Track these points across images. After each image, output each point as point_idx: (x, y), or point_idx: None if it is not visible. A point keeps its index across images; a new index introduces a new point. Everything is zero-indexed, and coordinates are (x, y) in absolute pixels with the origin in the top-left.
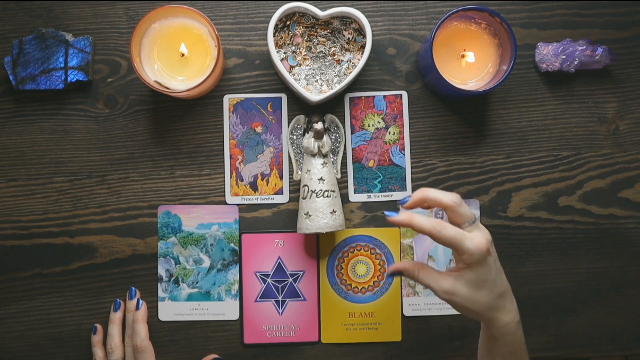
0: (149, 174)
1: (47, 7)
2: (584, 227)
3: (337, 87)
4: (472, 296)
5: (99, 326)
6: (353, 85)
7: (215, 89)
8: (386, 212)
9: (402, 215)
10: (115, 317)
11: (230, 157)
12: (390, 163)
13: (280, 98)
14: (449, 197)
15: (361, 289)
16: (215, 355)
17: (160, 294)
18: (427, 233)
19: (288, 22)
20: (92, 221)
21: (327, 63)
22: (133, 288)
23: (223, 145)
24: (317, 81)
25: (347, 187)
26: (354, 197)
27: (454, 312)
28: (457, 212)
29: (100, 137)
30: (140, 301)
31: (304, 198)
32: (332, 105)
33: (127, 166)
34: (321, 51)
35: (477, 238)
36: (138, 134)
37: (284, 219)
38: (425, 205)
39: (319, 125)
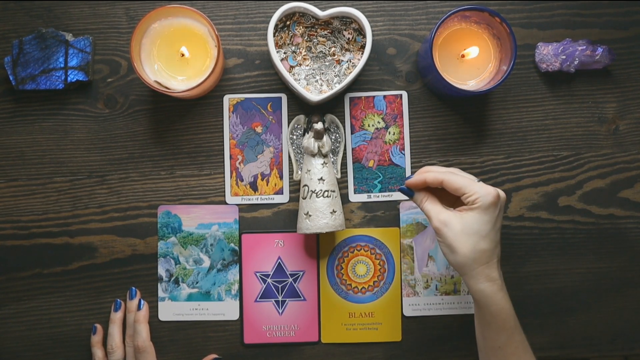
0: (149, 174)
1: (47, 7)
2: (584, 227)
3: (337, 87)
4: (460, 235)
5: (98, 326)
6: (353, 85)
7: (215, 89)
8: (401, 187)
9: (417, 176)
10: (116, 317)
11: (230, 157)
12: (390, 163)
13: (280, 98)
14: (442, 174)
15: (361, 289)
16: (215, 355)
17: (160, 294)
18: (442, 178)
19: (288, 22)
20: (92, 221)
21: (327, 63)
22: (133, 288)
23: (223, 145)
24: (317, 81)
25: (347, 187)
26: (354, 197)
27: (454, 312)
28: (458, 177)
29: (100, 137)
30: (142, 301)
31: (304, 198)
32: (332, 105)
33: (127, 166)
34: (321, 51)
35: (489, 187)
36: (138, 134)
37: (284, 219)
38: (426, 185)
39: (319, 125)
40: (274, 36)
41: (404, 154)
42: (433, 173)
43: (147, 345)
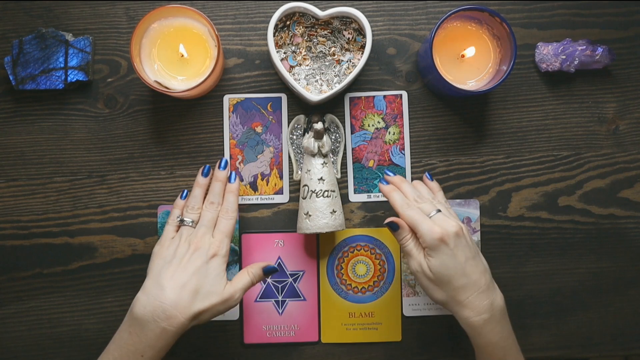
0: (149, 174)
1: (47, 7)
2: (584, 227)
3: (337, 87)
4: (431, 282)
5: (188, 192)
6: (353, 85)
7: (215, 89)
8: (381, 180)
9: (389, 186)
10: (203, 181)
11: (230, 157)
12: (390, 163)
13: (280, 98)
14: (398, 204)
15: (361, 289)
16: (266, 264)
17: None
18: (394, 208)
19: (288, 22)
20: (92, 221)
21: (327, 63)
22: (224, 159)
23: (223, 145)
24: (317, 81)
25: (347, 187)
26: (354, 197)
27: None
28: (411, 213)
29: (100, 137)
30: (235, 175)
31: (304, 198)
32: (332, 105)
33: (127, 166)
34: (321, 51)
35: (435, 225)
36: (138, 134)
37: (284, 219)
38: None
39: (319, 125)
40: (274, 36)
41: (404, 154)
42: (392, 199)
43: (236, 212)
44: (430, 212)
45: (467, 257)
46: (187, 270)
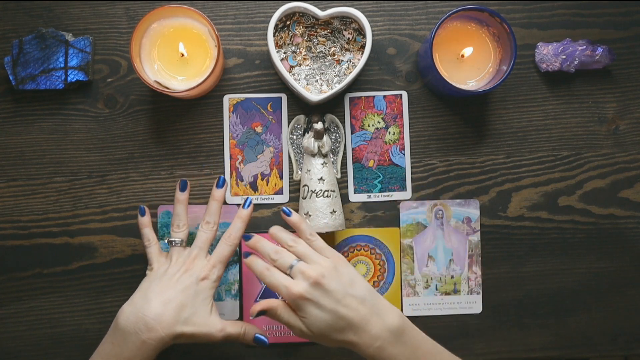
0: (149, 174)
1: (47, 7)
2: (584, 227)
3: (337, 87)
4: (313, 333)
5: (146, 207)
6: (353, 85)
7: (215, 89)
8: (244, 255)
9: (250, 257)
10: (182, 197)
11: (230, 157)
12: (390, 163)
13: (280, 98)
14: (257, 268)
15: None
16: (262, 335)
17: None
18: (256, 275)
19: (288, 22)
20: (92, 221)
21: (327, 63)
22: (222, 177)
23: (223, 145)
24: (317, 81)
25: (347, 187)
26: (354, 197)
27: (454, 312)
28: (272, 279)
29: (100, 137)
30: (250, 201)
31: (304, 198)
32: (332, 105)
33: (127, 166)
34: (321, 51)
35: (292, 284)
36: (138, 134)
37: None
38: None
39: (319, 125)
40: (274, 36)
41: (404, 154)
42: (252, 266)
43: (239, 240)
44: (287, 265)
45: (336, 300)
46: (175, 287)
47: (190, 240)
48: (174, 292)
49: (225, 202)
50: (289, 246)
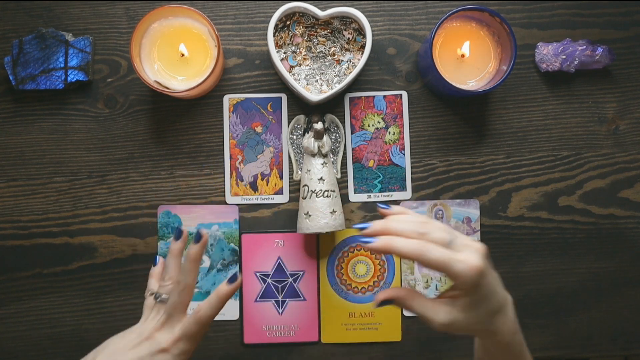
0: (149, 174)
1: (47, 7)
2: (584, 227)
3: (337, 87)
4: (471, 320)
5: (161, 258)
6: (353, 85)
7: (215, 89)
8: (361, 239)
9: (380, 241)
10: (176, 247)
11: (230, 157)
12: (390, 163)
13: (280, 98)
14: (413, 251)
15: (361, 289)
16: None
17: None
18: (410, 258)
19: (288, 22)
20: (92, 221)
21: (327, 63)
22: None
23: (223, 145)
24: (317, 81)
25: (347, 187)
26: (354, 197)
27: None
28: (435, 253)
29: (100, 137)
30: (236, 276)
31: (304, 198)
32: (332, 105)
33: (127, 166)
34: (321, 51)
35: (468, 258)
36: (138, 134)
37: (284, 219)
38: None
39: (319, 125)
40: (274, 36)
41: (404, 154)
42: (401, 248)
43: (209, 320)
44: (447, 239)
45: (495, 276)
46: (128, 354)
47: (189, 241)
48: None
49: (225, 202)
50: (423, 222)
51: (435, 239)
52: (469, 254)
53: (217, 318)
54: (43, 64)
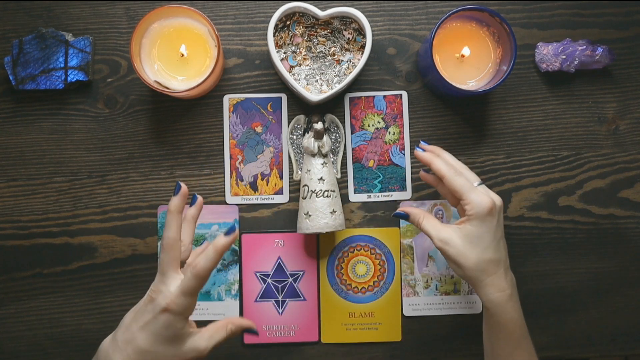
0: (149, 174)
1: (47, 7)
2: (584, 227)
3: (337, 87)
4: (463, 250)
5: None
6: (353, 85)
7: (215, 89)
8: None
9: (427, 154)
10: (173, 204)
11: (230, 157)
12: (390, 163)
13: (280, 98)
14: (445, 170)
15: (361, 289)
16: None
17: None
18: (442, 175)
19: (288, 22)
20: (92, 221)
21: (327, 63)
22: (179, 183)
23: (223, 145)
24: (317, 81)
25: (347, 187)
26: (354, 197)
27: (454, 312)
28: (459, 180)
29: (100, 137)
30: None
31: (304, 198)
32: (332, 105)
33: (127, 166)
34: (321, 51)
35: (484, 196)
36: (138, 134)
37: (284, 219)
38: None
39: (319, 125)
40: (274, 36)
41: (404, 154)
42: (438, 164)
43: (206, 272)
44: (474, 181)
45: (502, 234)
46: (137, 322)
47: (194, 240)
48: (133, 330)
49: (225, 202)
50: (464, 165)
51: (467, 176)
52: (488, 195)
53: (217, 318)
54: (43, 64)
